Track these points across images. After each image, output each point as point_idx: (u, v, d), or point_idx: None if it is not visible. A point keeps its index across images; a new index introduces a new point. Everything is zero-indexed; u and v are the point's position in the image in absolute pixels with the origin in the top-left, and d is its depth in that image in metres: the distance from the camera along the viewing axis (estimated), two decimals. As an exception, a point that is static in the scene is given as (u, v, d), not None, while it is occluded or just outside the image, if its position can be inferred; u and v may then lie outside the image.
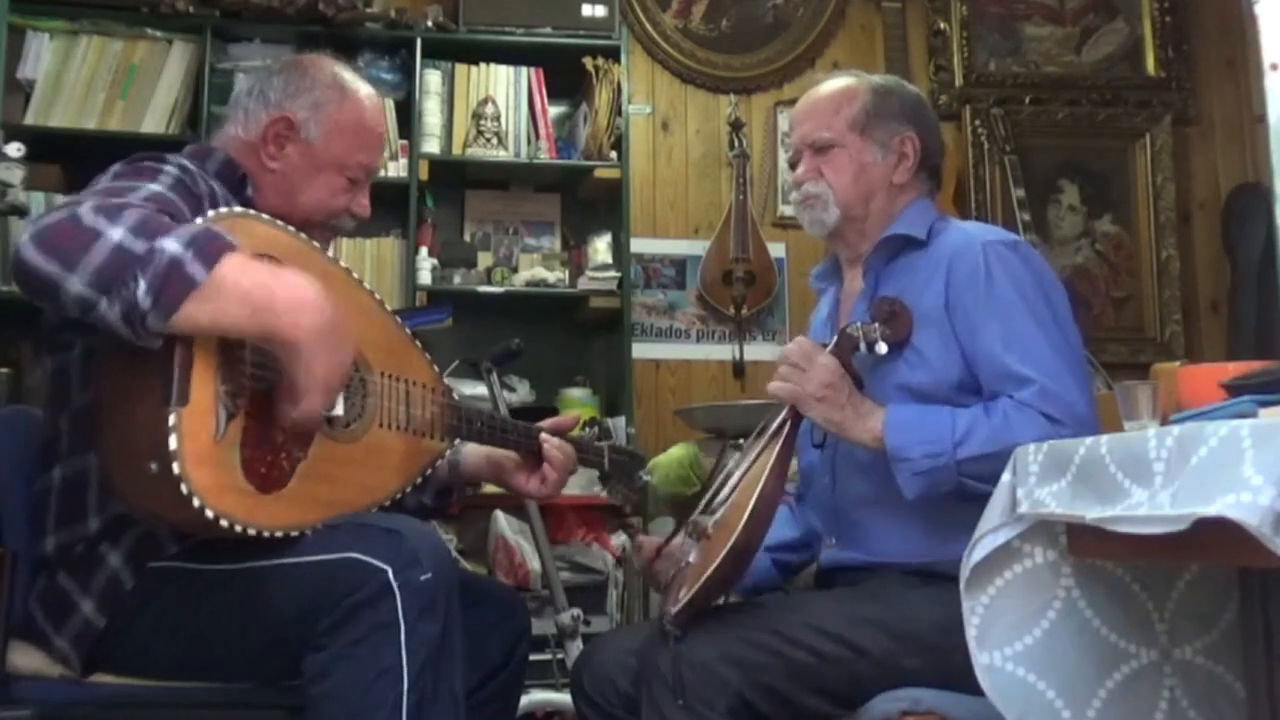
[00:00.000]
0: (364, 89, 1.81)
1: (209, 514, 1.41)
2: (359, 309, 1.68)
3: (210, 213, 1.51)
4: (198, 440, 1.42)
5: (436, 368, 1.81)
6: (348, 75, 1.81)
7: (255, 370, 1.50)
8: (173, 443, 1.38)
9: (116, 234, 1.36)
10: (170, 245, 1.36)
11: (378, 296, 1.76)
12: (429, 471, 1.80)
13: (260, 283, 1.42)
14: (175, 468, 1.38)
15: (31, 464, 1.66)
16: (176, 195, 1.53)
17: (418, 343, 1.80)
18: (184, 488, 1.38)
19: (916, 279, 1.78)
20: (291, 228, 1.63)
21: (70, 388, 1.61)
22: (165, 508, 1.45)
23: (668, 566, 1.81)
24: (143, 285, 1.34)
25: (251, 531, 1.47)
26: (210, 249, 1.39)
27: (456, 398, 1.84)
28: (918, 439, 1.62)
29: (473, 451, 1.94)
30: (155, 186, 1.51)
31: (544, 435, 1.92)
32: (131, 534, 1.58)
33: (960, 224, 1.88)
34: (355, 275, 1.73)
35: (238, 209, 1.58)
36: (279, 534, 1.51)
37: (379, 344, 1.70)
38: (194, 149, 1.74)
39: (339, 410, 1.58)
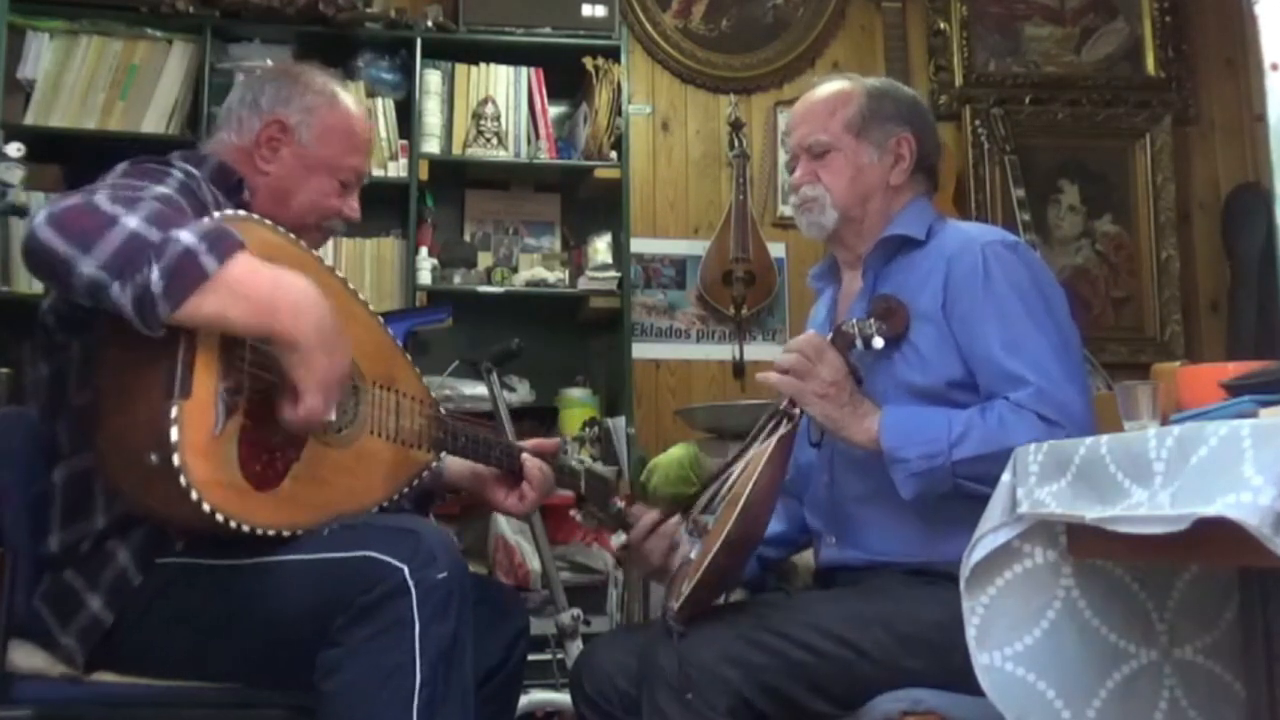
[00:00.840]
0: (351, 98, 1.88)
1: (205, 508, 1.42)
2: (354, 320, 1.70)
3: (216, 214, 1.54)
4: (198, 433, 1.43)
5: (425, 381, 1.83)
6: (336, 83, 1.87)
7: (254, 370, 1.51)
8: (174, 434, 1.39)
9: (133, 221, 1.39)
10: (185, 236, 1.40)
11: (371, 308, 1.78)
12: (415, 483, 1.81)
13: (267, 283, 1.45)
14: (175, 459, 1.39)
15: (30, 465, 1.66)
16: (183, 199, 1.56)
17: (408, 356, 1.83)
18: (183, 480, 1.39)
19: (914, 278, 1.78)
20: (291, 235, 1.65)
21: (67, 390, 1.62)
22: (162, 501, 1.45)
23: (659, 545, 1.82)
24: (156, 271, 1.36)
25: (245, 529, 1.47)
26: (223, 245, 1.42)
27: (443, 412, 1.86)
28: (914, 440, 1.63)
29: (456, 460, 1.95)
30: (163, 189, 1.54)
31: (525, 455, 1.94)
32: (140, 530, 1.58)
33: (959, 224, 1.88)
34: (351, 285, 1.75)
35: (241, 213, 1.60)
36: (270, 533, 1.51)
37: (372, 355, 1.71)
38: (187, 155, 1.75)
39: (332, 415, 1.59)
